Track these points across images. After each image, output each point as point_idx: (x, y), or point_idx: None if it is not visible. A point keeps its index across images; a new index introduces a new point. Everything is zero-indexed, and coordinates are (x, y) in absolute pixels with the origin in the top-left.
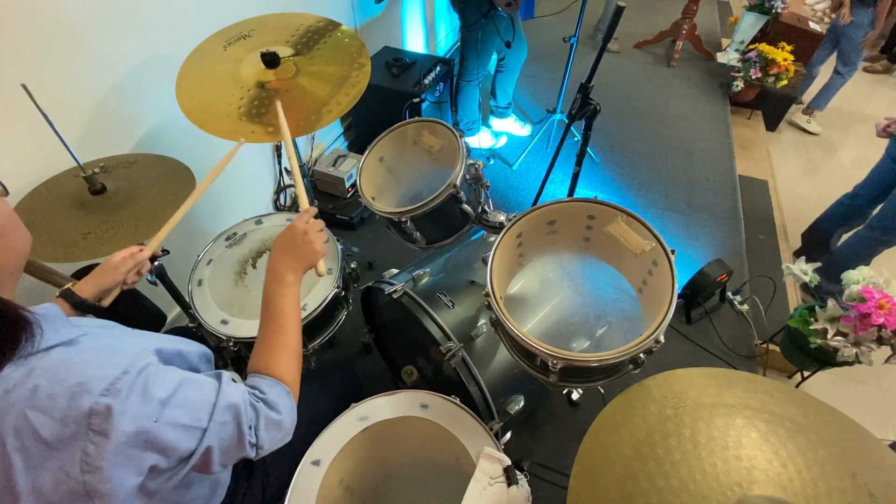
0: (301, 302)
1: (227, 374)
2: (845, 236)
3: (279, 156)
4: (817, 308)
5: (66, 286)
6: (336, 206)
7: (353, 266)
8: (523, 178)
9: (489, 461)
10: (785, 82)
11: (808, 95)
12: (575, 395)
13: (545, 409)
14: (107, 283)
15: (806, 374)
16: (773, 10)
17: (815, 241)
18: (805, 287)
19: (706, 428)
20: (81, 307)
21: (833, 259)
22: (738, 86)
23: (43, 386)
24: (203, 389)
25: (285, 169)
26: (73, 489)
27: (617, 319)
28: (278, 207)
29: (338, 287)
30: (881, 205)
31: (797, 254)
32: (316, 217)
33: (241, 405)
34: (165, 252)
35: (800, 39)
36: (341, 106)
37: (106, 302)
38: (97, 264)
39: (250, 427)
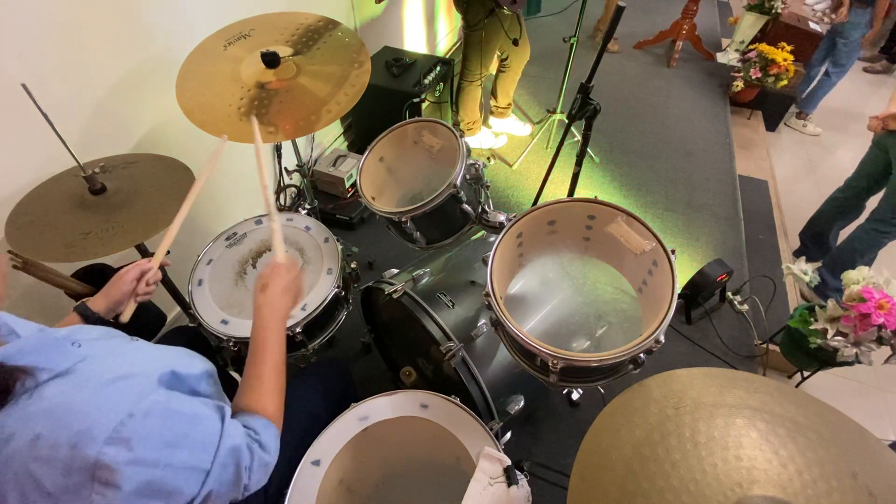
0: (301, 302)
1: (227, 410)
2: (843, 231)
3: (279, 156)
4: (817, 308)
5: (82, 301)
6: (336, 206)
7: (353, 266)
8: (523, 178)
9: (489, 461)
10: (785, 82)
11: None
12: (575, 395)
13: (545, 409)
14: (116, 296)
15: (806, 374)
16: (773, 10)
17: (814, 239)
18: (805, 287)
19: (706, 428)
20: (93, 322)
21: (838, 254)
22: (738, 86)
23: (44, 435)
24: (207, 430)
25: (285, 169)
26: None
27: (617, 319)
28: (278, 207)
29: (338, 287)
30: (877, 195)
31: (797, 254)
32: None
33: (242, 447)
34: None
35: (800, 39)
36: (341, 106)
37: (125, 317)
38: (98, 264)
39: (246, 468)
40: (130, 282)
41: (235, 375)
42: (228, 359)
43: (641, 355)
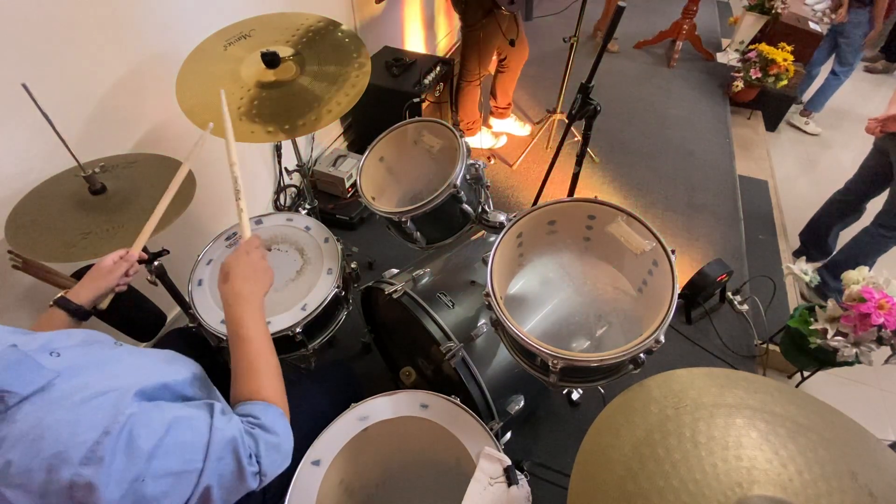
0: (301, 302)
1: (218, 406)
2: (843, 233)
3: (279, 156)
4: (817, 308)
5: (60, 294)
6: (336, 206)
7: (353, 266)
8: (523, 178)
9: (489, 461)
10: (785, 82)
11: (808, 96)
12: (575, 395)
13: (545, 409)
14: (103, 288)
15: (806, 374)
16: (773, 10)
17: (814, 241)
18: (805, 287)
19: (706, 428)
20: (77, 314)
21: (840, 258)
22: (738, 86)
23: (16, 461)
24: (194, 427)
25: (285, 168)
26: None
27: (617, 319)
28: (278, 207)
29: (338, 287)
30: (878, 197)
31: (797, 254)
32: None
33: (238, 437)
34: (165, 252)
35: (800, 39)
36: (341, 106)
37: (103, 305)
38: None
39: (250, 456)
40: (119, 276)
41: None
42: (229, 359)
43: (641, 355)
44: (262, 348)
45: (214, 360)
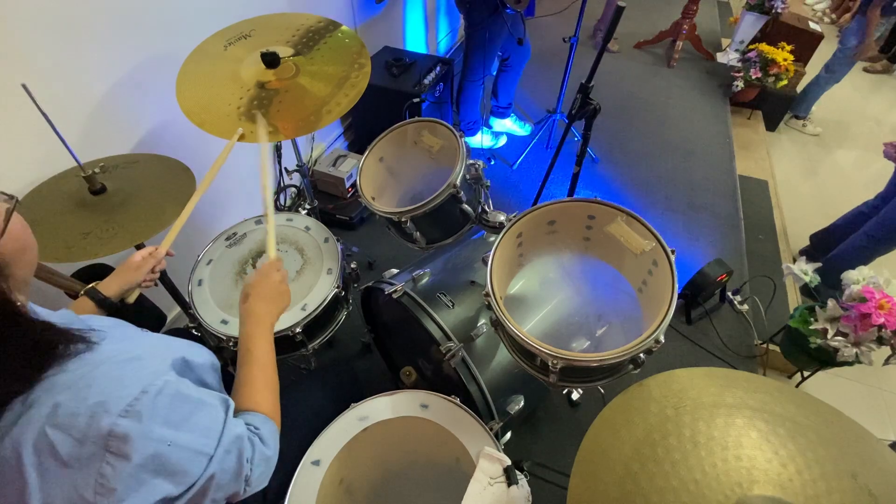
0: (301, 302)
1: (232, 403)
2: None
3: (279, 156)
4: (817, 308)
5: (91, 285)
6: (336, 206)
7: (353, 266)
8: (523, 178)
9: (489, 461)
10: (785, 82)
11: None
12: (575, 395)
13: (545, 409)
14: (131, 282)
15: (806, 374)
16: (773, 10)
17: (824, 245)
18: (805, 287)
19: (706, 428)
20: (104, 305)
21: (829, 264)
22: (738, 86)
23: (64, 404)
24: (213, 416)
25: (285, 169)
26: None
27: (617, 319)
28: (278, 207)
29: (338, 287)
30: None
31: (803, 252)
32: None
33: (244, 437)
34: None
35: (800, 39)
36: (341, 106)
37: (130, 299)
38: (98, 264)
39: (248, 460)
40: (147, 272)
41: None
42: (228, 359)
43: (641, 355)
44: (267, 366)
45: None
